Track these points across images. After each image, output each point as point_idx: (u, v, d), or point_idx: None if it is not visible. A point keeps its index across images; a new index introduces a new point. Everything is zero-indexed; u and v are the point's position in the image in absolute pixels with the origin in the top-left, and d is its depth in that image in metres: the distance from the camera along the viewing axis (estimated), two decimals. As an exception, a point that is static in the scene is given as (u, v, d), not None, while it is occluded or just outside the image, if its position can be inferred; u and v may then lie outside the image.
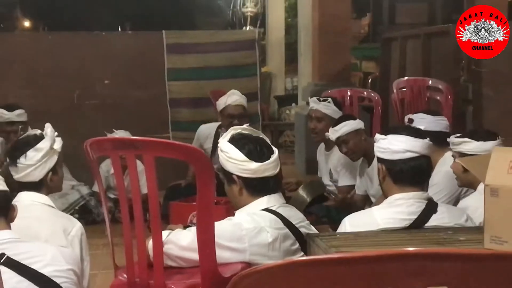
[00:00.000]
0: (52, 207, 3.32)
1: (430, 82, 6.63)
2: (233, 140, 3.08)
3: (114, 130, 6.03)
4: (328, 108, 5.55)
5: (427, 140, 3.15)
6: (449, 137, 4.49)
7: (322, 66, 8.75)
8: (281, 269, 1.11)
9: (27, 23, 28.57)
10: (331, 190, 5.57)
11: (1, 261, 2.44)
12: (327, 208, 5.20)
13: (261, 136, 3.18)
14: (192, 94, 7.79)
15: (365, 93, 7.12)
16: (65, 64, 7.67)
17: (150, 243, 2.90)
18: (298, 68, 10.98)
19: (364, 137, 5.06)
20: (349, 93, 6.85)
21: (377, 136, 3.21)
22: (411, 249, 1.10)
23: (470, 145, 3.73)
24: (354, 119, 5.11)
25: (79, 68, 7.69)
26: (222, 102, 6.02)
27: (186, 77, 7.87)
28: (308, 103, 6.16)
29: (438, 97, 6.40)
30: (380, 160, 3.17)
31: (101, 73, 7.75)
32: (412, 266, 1.07)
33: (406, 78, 7.15)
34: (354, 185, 5.31)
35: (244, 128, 3.22)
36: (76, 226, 3.27)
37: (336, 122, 5.09)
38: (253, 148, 3.05)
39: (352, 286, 1.10)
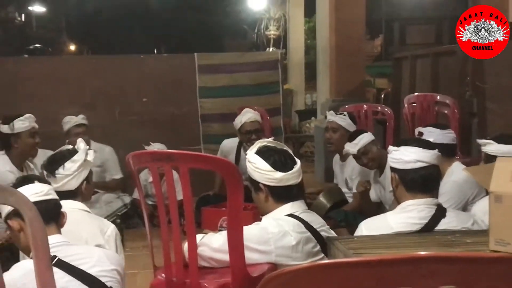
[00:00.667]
0: (88, 211, 3.36)
1: (438, 97, 6.61)
2: (260, 152, 3.10)
3: (151, 143, 6.08)
4: (343, 120, 5.56)
5: (436, 151, 3.14)
6: (456, 149, 4.47)
7: (339, 83, 8.76)
8: (306, 271, 1.12)
9: (72, 47, 28.88)
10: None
11: (53, 262, 2.47)
12: (345, 212, 5.20)
13: (284, 148, 3.19)
14: (222, 110, 7.81)
15: (379, 108, 7.12)
16: (107, 84, 7.74)
17: (185, 246, 2.92)
18: (317, 85, 10.97)
19: (378, 147, 5.06)
20: (364, 108, 6.87)
21: (390, 147, 3.21)
22: (423, 253, 1.10)
23: (492, 147, 3.71)
24: (366, 132, 5.11)
25: (120, 87, 7.76)
26: (238, 121, 6.07)
27: (216, 94, 7.91)
28: (326, 117, 6.18)
29: (446, 111, 6.38)
30: (393, 169, 3.16)
31: (139, 91, 7.80)
32: (425, 268, 1.08)
33: (416, 94, 7.14)
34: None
35: (269, 141, 3.24)
36: (110, 227, 3.30)
37: (351, 137, 5.08)
38: (277, 159, 3.07)
39: (371, 286, 1.11)
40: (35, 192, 2.70)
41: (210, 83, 7.93)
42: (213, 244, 2.95)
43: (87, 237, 3.10)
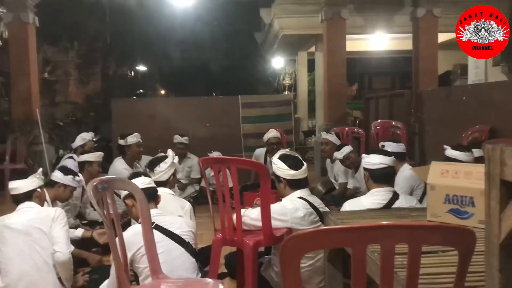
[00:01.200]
0: (173, 194, 3.38)
1: (393, 123, 6.56)
2: (281, 157, 3.11)
3: (212, 151, 6.12)
4: (332, 137, 5.60)
5: (392, 157, 3.11)
6: (405, 156, 4.42)
7: (329, 114, 8.71)
8: (313, 234, 1.12)
9: (162, 91, 29.17)
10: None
11: (153, 226, 2.51)
12: (333, 196, 5.20)
13: (296, 155, 3.19)
14: (256, 131, 7.78)
15: (356, 129, 7.09)
16: (185, 116, 7.76)
17: (234, 216, 2.92)
18: (316, 114, 10.94)
19: (355, 155, 5.04)
20: (346, 129, 6.86)
21: (363, 155, 3.19)
22: (386, 222, 1.10)
23: (447, 151, 3.63)
24: (348, 145, 5.09)
25: (193, 117, 7.77)
26: (266, 137, 6.11)
27: (252, 121, 7.90)
28: (321, 135, 6.19)
29: (398, 132, 6.33)
30: (365, 169, 3.14)
31: (204, 120, 7.82)
32: (388, 232, 1.08)
33: (379, 120, 7.10)
34: (347, 183, 5.29)
35: (286, 151, 3.24)
36: (187, 204, 3.33)
37: (338, 148, 5.07)
38: (292, 162, 3.07)
39: (355, 242, 1.10)
40: (142, 182, 2.74)
41: (248, 114, 7.94)
42: (251, 215, 2.96)
43: (172, 210, 3.12)
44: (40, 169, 3.04)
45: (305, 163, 3.15)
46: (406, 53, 10.91)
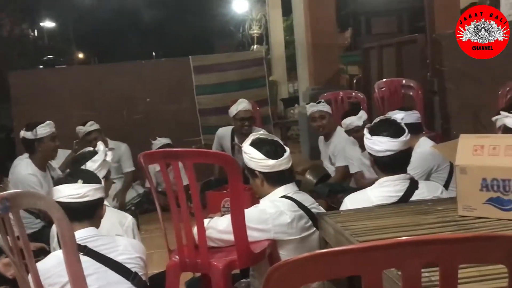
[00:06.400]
0: (108, 206, 3.32)
1: (403, 81, 6.63)
2: (253, 144, 3.10)
3: (157, 138, 6.06)
4: (325, 107, 5.64)
5: (403, 137, 3.05)
6: (421, 126, 4.46)
7: (316, 73, 8.74)
8: (307, 260, 1.10)
9: (80, 55, 28.71)
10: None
11: (84, 251, 2.47)
12: (329, 184, 5.28)
13: (275, 139, 3.18)
14: (216, 104, 7.81)
15: (353, 93, 7.16)
16: (114, 89, 7.71)
17: (194, 229, 2.89)
18: (298, 75, 10.95)
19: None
20: (340, 95, 6.92)
21: (365, 133, 3.18)
22: (407, 238, 1.09)
23: (506, 120, 3.60)
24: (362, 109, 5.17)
25: (125, 91, 7.73)
26: (234, 109, 6.02)
27: (211, 91, 7.91)
28: (307, 104, 6.20)
29: (411, 93, 6.40)
30: (368, 153, 3.17)
31: (143, 93, 7.78)
32: (410, 251, 1.07)
33: (384, 79, 7.15)
34: (347, 165, 5.33)
35: (261, 134, 3.23)
36: (128, 219, 3.28)
37: (350, 113, 5.15)
38: (269, 149, 3.06)
39: (366, 269, 1.09)
40: (72, 193, 2.64)
41: (204, 81, 7.93)
42: (219, 226, 2.94)
43: (108, 229, 3.05)
44: None
45: (287, 149, 3.14)
46: (415, -17, 11.01)
